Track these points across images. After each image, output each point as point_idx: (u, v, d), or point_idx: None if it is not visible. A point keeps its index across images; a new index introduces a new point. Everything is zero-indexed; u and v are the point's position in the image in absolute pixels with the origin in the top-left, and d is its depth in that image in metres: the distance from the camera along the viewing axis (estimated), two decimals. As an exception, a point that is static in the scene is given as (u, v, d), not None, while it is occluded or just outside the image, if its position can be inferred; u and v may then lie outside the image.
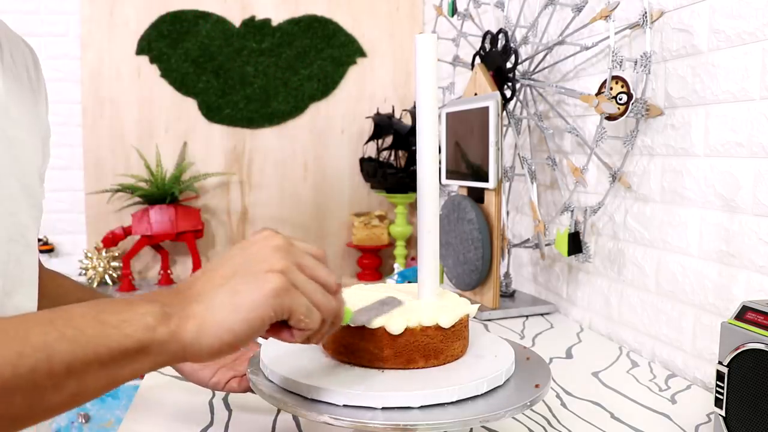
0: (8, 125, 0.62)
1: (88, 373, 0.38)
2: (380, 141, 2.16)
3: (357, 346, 0.58)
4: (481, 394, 0.56)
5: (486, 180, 1.12)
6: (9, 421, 0.37)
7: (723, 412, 0.60)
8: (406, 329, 0.57)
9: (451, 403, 0.54)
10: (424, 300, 0.65)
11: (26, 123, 0.66)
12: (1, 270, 0.59)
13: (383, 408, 0.53)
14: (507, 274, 1.28)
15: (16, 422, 0.38)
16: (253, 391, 0.60)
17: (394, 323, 0.57)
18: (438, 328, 0.58)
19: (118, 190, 2.06)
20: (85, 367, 0.38)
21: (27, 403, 0.37)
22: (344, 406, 0.53)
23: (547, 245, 1.19)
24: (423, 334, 0.58)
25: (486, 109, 1.09)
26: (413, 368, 0.58)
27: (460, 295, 0.67)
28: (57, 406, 0.39)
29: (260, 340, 0.72)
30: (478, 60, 1.23)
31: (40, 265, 0.78)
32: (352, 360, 0.59)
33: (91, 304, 0.41)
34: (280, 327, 0.46)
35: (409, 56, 2.26)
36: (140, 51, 2.12)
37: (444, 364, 0.60)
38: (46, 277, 0.78)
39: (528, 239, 1.27)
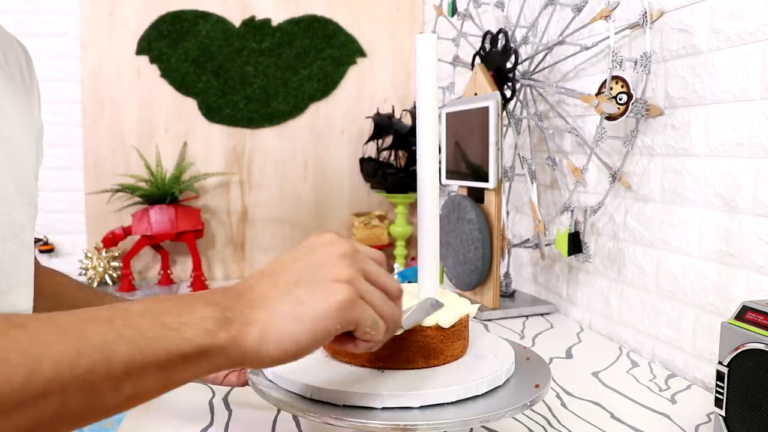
0: (3, 124, 0.62)
1: (146, 375, 0.38)
2: (380, 141, 2.16)
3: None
4: (481, 394, 0.56)
5: (486, 180, 1.12)
6: (65, 420, 0.36)
7: (723, 412, 0.60)
8: (415, 330, 0.57)
9: (451, 403, 0.54)
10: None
11: (20, 122, 0.65)
12: None
13: (383, 408, 0.53)
14: (507, 274, 1.28)
15: (71, 422, 0.37)
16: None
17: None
18: (438, 328, 0.58)
19: (118, 190, 2.06)
20: (143, 370, 0.37)
21: (83, 403, 0.36)
22: (344, 406, 0.53)
23: (547, 245, 1.19)
24: (423, 335, 0.58)
25: (486, 109, 1.09)
26: (413, 368, 0.58)
27: (460, 295, 0.67)
28: (113, 407, 0.38)
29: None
30: (478, 60, 1.23)
31: (38, 264, 0.78)
32: (352, 360, 0.59)
33: (149, 304, 0.40)
34: (344, 337, 0.45)
35: (409, 56, 2.26)
36: (140, 51, 2.12)
37: (444, 364, 0.60)
38: (43, 275, 0.78)
39: (528, 239, 1.27)
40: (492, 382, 0.57)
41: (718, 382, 0.60)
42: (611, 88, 0.96)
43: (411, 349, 0.58)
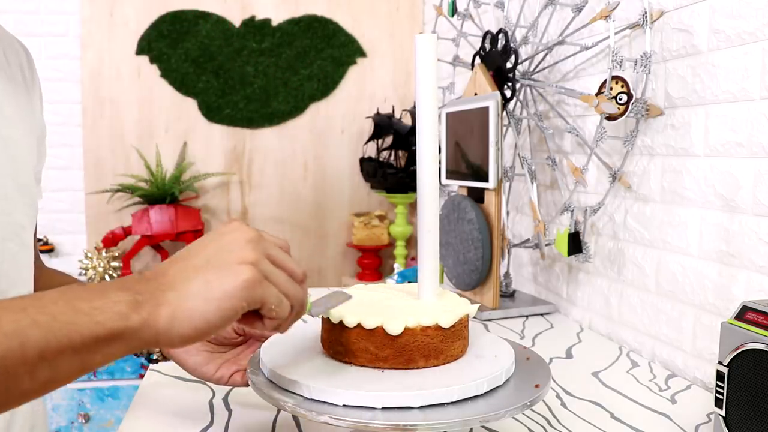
0: (3, 124, 0.62)
1: (61, 359, 0.39)
2: (380, 141, 2.16)
3: (357, 346, 0.58)
4: (481, 394, 0.56)
5: (486, 180, 1.12)
6: None
7: (723, 412, 0.60)
8: (405, 329, 0.57)
9: (451, 403, 0.54)
10: (423, 300, 0.65)
11: (21, 122, 0.66)
12: None
13: (383, 408, 0.53)
14: (507, 274, 1.28)
15: None
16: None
17: (393, 323, 0.57)
18: (438, 328, 0.58)
19: (118, 190, 2.06)
20: (57, 354, 0.39)
21: (2, 388, 0.38)
22: (344, 406, 0.53)
23: (547, 245, 1.19)
24: (423, 334, 0.58)
25: (486, 109, 1.10)
26: (413, 368, 0.58)
27: (460, 295, 0.68)
28: (31, 392, 0.40)
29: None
30: (478, 60, 1.23)
31: (41, 264, 0.78)
32: (352, 360, 0.59)
33: (63, 290, 0.42)
34: (251, 316, 0.47)
35: (409, 56, 2.26)
36: (140, 51, 2.12)
37: (444, 364, 0.60)
38: (45, 276, 0.78)
39: (528, 239, 1.27)
40: (492, 382, 0.57)
41: (718, 382, 0.60)
42: (611, 88, 0.96)
43: (411, 349, 0.58)
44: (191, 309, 0.42)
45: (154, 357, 0.71)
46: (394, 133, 2.10)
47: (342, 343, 0.60)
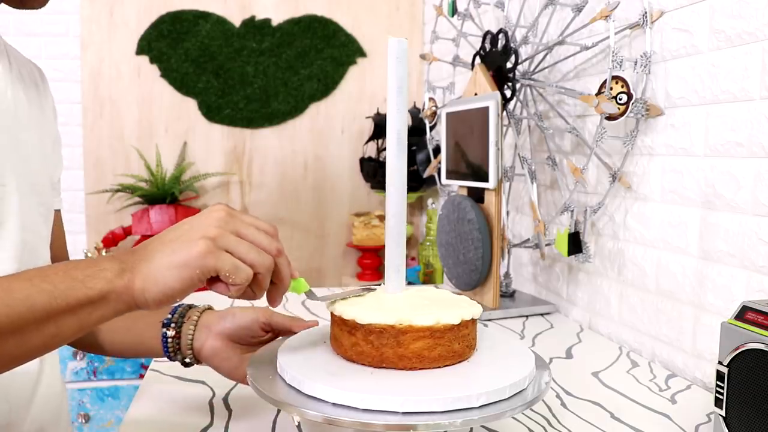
0: (18, 129, 0.69)
1: (63, 318, 0.48)
2: (380, 141, 2.16)
3: (359, 346, 0.58)
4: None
5: (486, 180, 1.12)
6: (4, 358, 0.48)
7: (723, 412, 0.60)
8: (407, 329, 0.57)
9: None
10: (424, 299, 0.65)
11: (35, 129, 0.74)
12: (16, 255, 0.68)
13: (383, 409, 0.52)
14: (507, 274, 1.28)
15: (8, 360, 0.48)
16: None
17: (395, 322, 0.57)
18: (439, 328, 0.58)
19: (118, 190, 2.06)
20: (59, 314, 0.48)
21: (17, 344, 0.47)
22: (344, 406, 0.53)
23: (547, 245, 1.19)
24: (423, 335, 0.58)
25: (486, 109, 1.10)
26: (413, 368, 0.58)
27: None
28: (40, 346, 0.49)
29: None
30: (478, 60, 1.23)
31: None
32: (354, 360, 0.59)
33: (65, 263, 0.51)
34: (215, 281, 0.52)
35: (409, 56, 2.26)
36: (140, 51, 2.12)
37: (444, 365, 0.59)
38: None
39: (528, 239, 1.27)
40: (492, 396, 0.55)
41: (718, 382, 0.60)
42: (611, 88, 0.96)
43: (412, 349, 0.58)
44: (156, 276, 0.50)
45: (188, 361, 0.71)
46: (394, 133, 2.09)
47: (344, 343, 0.59)
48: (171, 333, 0.71)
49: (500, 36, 1.18)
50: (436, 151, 1.59)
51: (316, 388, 0.54)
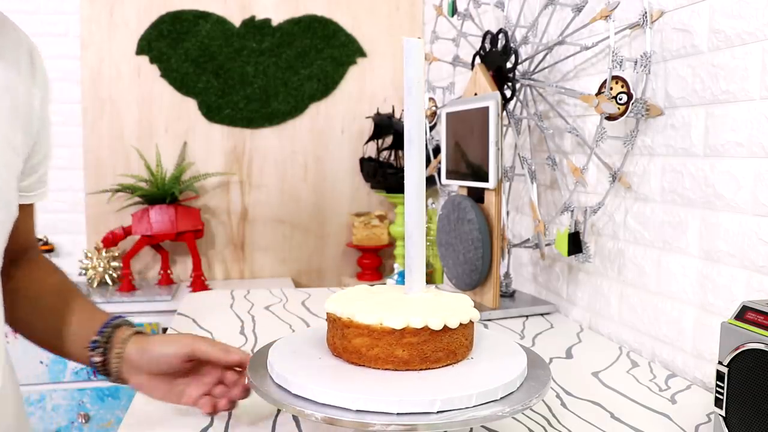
0: None
1: None
2: (380, 141, 2.16)
3: (357, 346, 0.58)
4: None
5: (486, 180, 1.12)
6: None
7: (723, 412, 0.60)
8: (407, 329, 0.57)
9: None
10: (424, 300, 0.65)
11: None
12: None
13: (383, 410, 0.52)
14: (507, 274, 1.28)
15: None
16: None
17: (395, 323, 0.57)
18: (439, 329, 0.58)
19: (118, 190, 2.06)
20: None
21: None
22: (344, 406, 0.53)
23: (547, 245, 1.19)
24: (424, 335, 0.58)
25: (486, 109, 1.10)
26: (413, 369, 0.58)
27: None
28: None
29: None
30: (478, 60, 1.23)
31: (36, 257, 0.78)
32: (353, 360, 0.59)
33: None
34: None
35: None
36: (140, 51, 2.12)
37: (445, 365, 0.59)
38: (42, 272, 0.77)
39: (528, 239, 1.27)
40: (486, 395, 0.55)
41: (718, 382, 0.60)
42: (611, 88, 0.96)
43: (412, 349, 0.58)
44: None
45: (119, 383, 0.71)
46: (394, 133, 2.10)
47: (342, 343, 0.59)
48: (97, 359, 0.68)
49: (500, 36, 1.18)
50: (436, 151, 1.59)
51: (307, 387, 0.54)
